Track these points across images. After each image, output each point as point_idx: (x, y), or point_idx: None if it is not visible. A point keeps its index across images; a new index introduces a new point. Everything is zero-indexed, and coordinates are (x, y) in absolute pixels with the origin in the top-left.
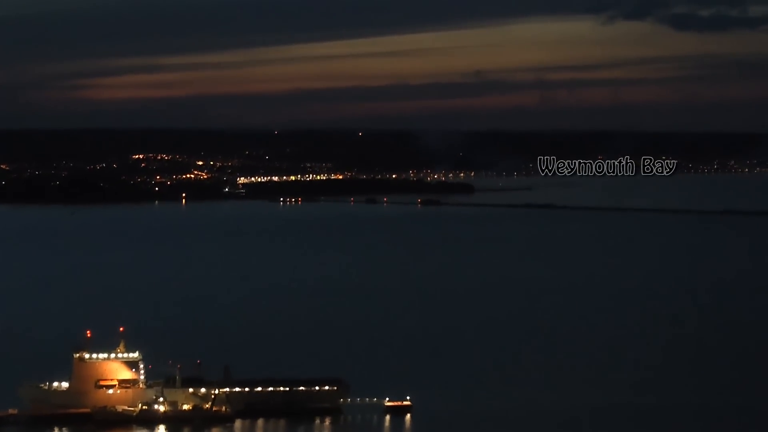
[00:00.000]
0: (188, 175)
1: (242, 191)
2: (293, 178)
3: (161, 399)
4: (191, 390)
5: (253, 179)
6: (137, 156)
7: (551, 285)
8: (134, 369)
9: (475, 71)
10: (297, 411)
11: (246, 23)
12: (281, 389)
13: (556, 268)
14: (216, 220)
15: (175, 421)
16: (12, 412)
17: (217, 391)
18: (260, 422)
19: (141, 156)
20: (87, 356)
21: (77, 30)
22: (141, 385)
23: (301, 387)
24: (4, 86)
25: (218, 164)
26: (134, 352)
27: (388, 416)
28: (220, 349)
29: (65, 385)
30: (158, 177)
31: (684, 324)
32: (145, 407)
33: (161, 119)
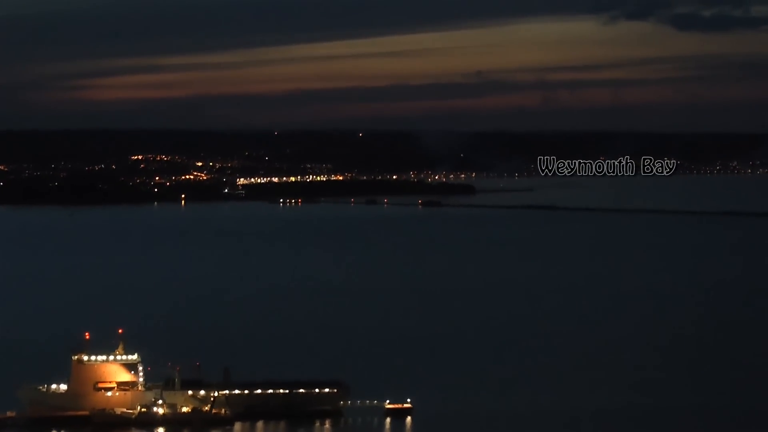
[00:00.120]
0: (187, 176)
1: (242, 192)
2: (293, 179)
3: (160, 401)
4: (190, 392)
5: (253, 180)
6: (136, 157)
7: (552, 286)
8: (133, 371)
9: (476, 72)
10: (297, 413)
11: (246, 23)
12: (281, 391)
13: (557, 269)
14: (215, 222)
15: (174, 424)
16: (10, 415)
17: (217, 394)
18: (260, 425)
19: (140, 157)
20: (85, 358)
21: (77, 30)
22: (140, 388)
23: (301, 389)
24: (4, 86)
25: (218, 165)
26: (133, 354)
27: (389, 419)
28: (220, 351)
29: (63, 387)
30: (157, 178)
31: (685, 325)
32: (144, 410)
33: (161, 120)
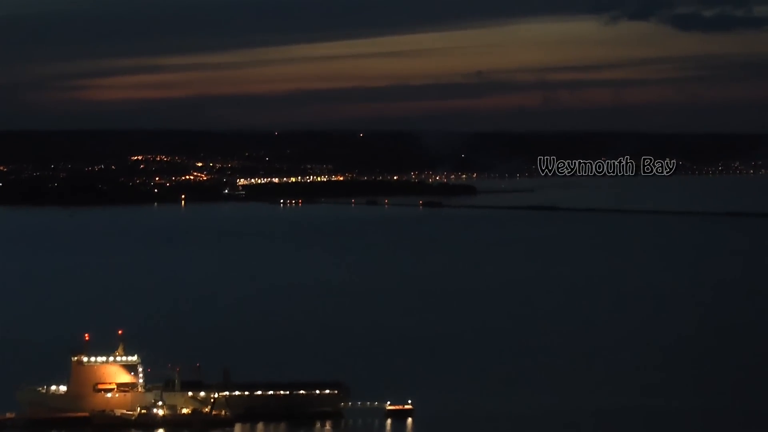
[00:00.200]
0: (187, 177)
1: (242, 193)
2: (293, 180)
3: (160, 403)
4: (190, 393)
5: (253, 181)
6: (136, 157)
7: (552, 286)
8: (133, 372)
9: (477, 72)
10: (297, 415)
11: (246, 23)
12: (281, 393)
13: (558, 269)
14: (216, 222)
15: (174, 425)
16: (9, 416)
17: (217, 395)
18: (260, 426)
19: (140, 157)
20: (85, 359)
21: (77, 30)
22: (140, 389)
23: (302, 390)
24: (4, 86)
25: (218, 165)
26: (133, 356)
27: (390, 420)
28: (220, 352)
29: (63, 389)
30: (157, 178)
31: (685, 325)
32: (144, 411)
33: (161, 120)
